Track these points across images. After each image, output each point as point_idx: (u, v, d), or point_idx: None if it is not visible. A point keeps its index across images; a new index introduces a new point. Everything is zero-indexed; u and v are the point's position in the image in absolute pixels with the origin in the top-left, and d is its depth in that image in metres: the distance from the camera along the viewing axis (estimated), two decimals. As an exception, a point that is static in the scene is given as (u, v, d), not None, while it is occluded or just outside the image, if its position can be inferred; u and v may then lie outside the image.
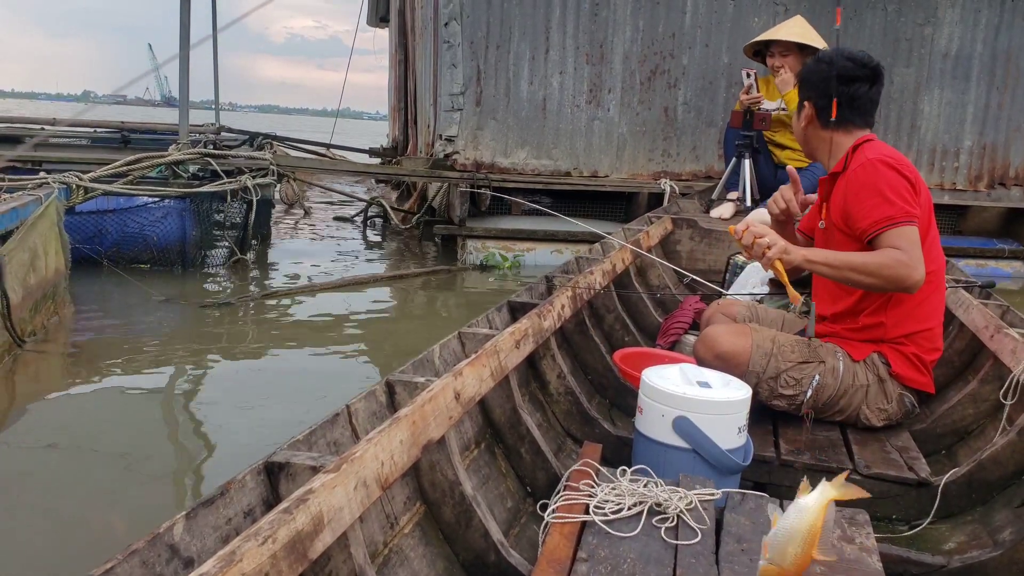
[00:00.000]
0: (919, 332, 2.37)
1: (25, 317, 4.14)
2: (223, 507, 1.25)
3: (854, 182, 2.24)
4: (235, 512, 1.27)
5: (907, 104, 7.55)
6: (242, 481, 1.30)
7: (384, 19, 15.76)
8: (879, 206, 2.16)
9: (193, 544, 1.16)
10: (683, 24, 7.36)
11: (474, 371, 1.88)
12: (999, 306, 3.09)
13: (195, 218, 6.45)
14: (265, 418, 3.47)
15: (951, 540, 2.07)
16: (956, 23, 7.39)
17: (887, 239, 2.13)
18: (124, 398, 3.70)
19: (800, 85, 2.53)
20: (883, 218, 2.14)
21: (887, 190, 2.17)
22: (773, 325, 2.69)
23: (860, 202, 2.21)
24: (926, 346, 2.39)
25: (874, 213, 2.16)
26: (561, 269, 3.25)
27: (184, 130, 7.29)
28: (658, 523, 1.62)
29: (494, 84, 7.32)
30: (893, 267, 2.09)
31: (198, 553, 1.16)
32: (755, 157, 4.80)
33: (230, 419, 3.50)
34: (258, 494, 1.33)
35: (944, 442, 2.64)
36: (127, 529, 2.46)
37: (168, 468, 3.03)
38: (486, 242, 7.17)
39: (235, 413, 3.57)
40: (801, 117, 2.48)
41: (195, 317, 5.10)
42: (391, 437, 1.46)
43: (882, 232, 2.14)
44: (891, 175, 2.20)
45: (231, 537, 1.14)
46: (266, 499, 1.34)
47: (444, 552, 1.70)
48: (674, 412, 1.93)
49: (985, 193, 7.67)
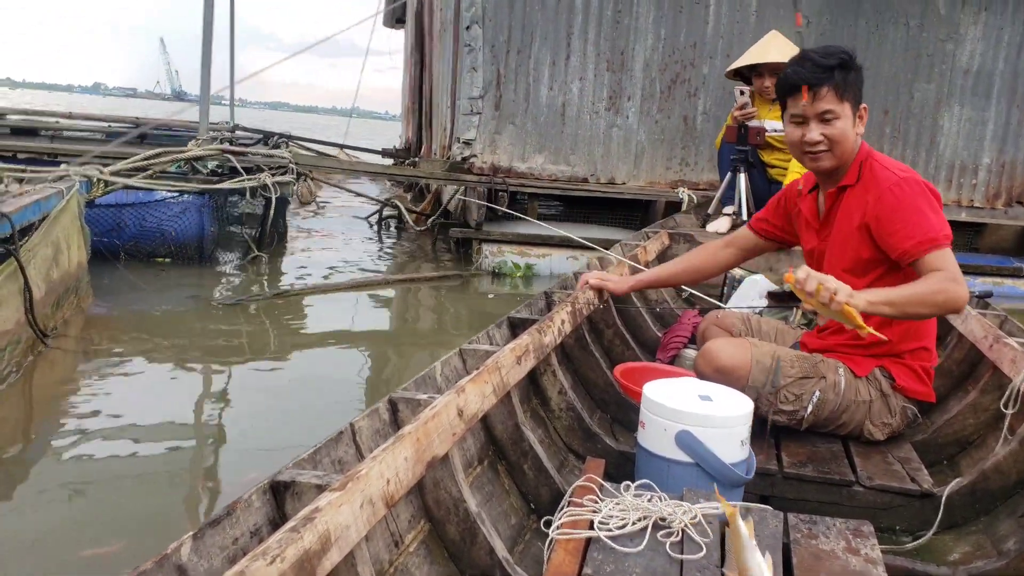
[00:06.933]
0: (921, 346, 2.39)
1: (47, 312, 4.18)
2: (230, 527, 1.25)
3: (891, 201, 2.21)
4: (242, 532, 1.27)
5: (927, 120, 7.51)
6: (248, 500, 1.30)
7: (400, 20, 15.81)
8: (921, 226, 2.15)
9: (201, 564, 1.16)
10: (705, 34, 7.36)
11: (476, 388, 1.88)
12: (997, 316, 3.09)
13: (214, 214, 6.52)
14: (276, 424, 3.51)
15: (955, 551, 2.07)
16: (978, 40, 7.35)
17: (931, 261, 2.12)
18: (143, 397, 3.73)
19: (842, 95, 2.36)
20: (927, 239, 2.13)
21: (928, 210, 2.18)
22: (768, 336, 2.69)
23: (902, 221, 2.18)
24: (927, 356, 2.41)
25: (917, 234, 2.14)
26: (560, 284, 3.25)
27: (204, 127, 7.37)
28: (663, 538, 1.62)
29: (514, 88, 7.34)
30: (946, 291, 2.07)
31: (206, 574, 1.16)
32: (750, 172, 4.80)
33: (242, 424, 3.55)
34: (264, 513, 1.33)
35: (946, 452, 2.63)
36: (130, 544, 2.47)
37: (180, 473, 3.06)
38: (502, 246, 7.16)
39: (247, 418, 3.61)
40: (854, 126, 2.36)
41: (212, 314, 5.16)
42: (395, 455, 1.45)
43: (927, 254, 2.13)
44: (928, 196, 2.21)
45: (238, 557, 1.15)
46: (272, 518, 1.34)
47: (449, 570, 1.71)
48: (676, 426, 1.93)
49: (1003, 211, 7.63)
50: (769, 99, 4.73)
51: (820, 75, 2.24)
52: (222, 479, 3.04)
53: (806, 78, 2.25)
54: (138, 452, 3.12)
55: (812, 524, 1.71)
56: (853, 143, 2.31)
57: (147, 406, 3.59)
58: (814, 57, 2.27)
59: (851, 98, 2.27)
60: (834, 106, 2.25)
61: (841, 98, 2.25)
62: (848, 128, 2.28)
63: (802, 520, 1.72)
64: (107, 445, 3.14)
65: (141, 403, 3.63)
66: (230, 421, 3.55)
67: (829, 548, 1.61)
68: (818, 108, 2.26)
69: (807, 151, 2.33)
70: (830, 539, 1.65)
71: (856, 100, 2.29)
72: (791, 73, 2.30)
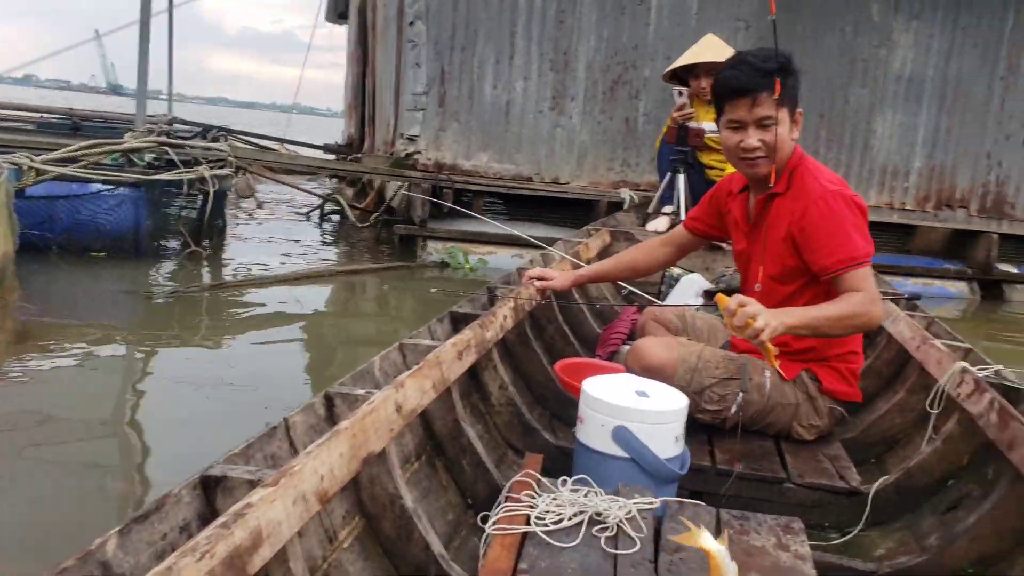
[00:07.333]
0: (849, 350, 2.41)
1: (-31, 302, 4.05)
2: (158, 522, 1.22)
3: (816, 215, 2.19)
4: (171, 527, 1.24)
5: (861, 124, 7.71)
6: (178, 495, 1.28)
7: (343, 16, 15.64)
8: (843, 244, 2.15)
9: (127, 561, 1.13)
10: (647, 36, 7.43)
11: (416, 383, 1.86)
12: (925, 318, 3.16)
13: (150, 207, 6.36)
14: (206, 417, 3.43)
15: (881, 547, 2.12)
16: (910, 47, 7.57)
17: (850, 279, 2.13)
18: (65, 389, 3.63)
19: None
20: (847, 257, 2.14)
21: (851, 227, 2.17)
22: (702, 332, 2.71)
23: (825, 237, 2.17)
24: (853, 359, 2.43)
25: (838, 251, 2.15)
26: (502, 280, 3.25)
27: (141, 118, 7.20)
28: (598, 533, 1.62)
29: (458, 86, 7.33)
30: (863, 315, 2.09)
31: (132, 570, 1.13)
32: (688, 172, 4.87)
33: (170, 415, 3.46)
34: (194, 508, 1.31)
35: (874, 451, 2.69)
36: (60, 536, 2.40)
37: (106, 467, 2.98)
38: (447, 244, 7.17)
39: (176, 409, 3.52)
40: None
41: (144, 307, 5.04)
42: (330, 451, 1.44)
43: (845, 272, 2.14)
44: (854, 211, 2.20)
45: (167, 553, 1.12)
46: (202, 514, 1.31)
47: (383, 566, 1.69)
48: (614, 422, 1.94)
49: (932, 214, 7.86)
50: (706, 100, 4.79)
51: (759, 80, 2.18)
52: (151, 477, 2.94)
53: (744, 83, 2.19)
54: (62, 451, 3.01)
55: (744, 520, 1.73)
56: (790, 148, 2.28)
57: (73, 402, 3.48)
58: (752, 61, 2.20)
59: (789, 103, 2.22)
60: (772, 112, 2.19)
61: (780, 103, 2.19)
62: (785, 133, 2.22)
63: (734, 516, 1.74)
64: (27, 442, 3.03)
65: (67, 398, 3.52)
66: (161, 417, 3.46)
67: (760, 544, 1.63)
68: (757, 114, 2.20)
69: (744, 157, 2.27)
70: (761, 535, 1.66)
71: (793, 105, 2.25)
72: (729, 77, 2.23)
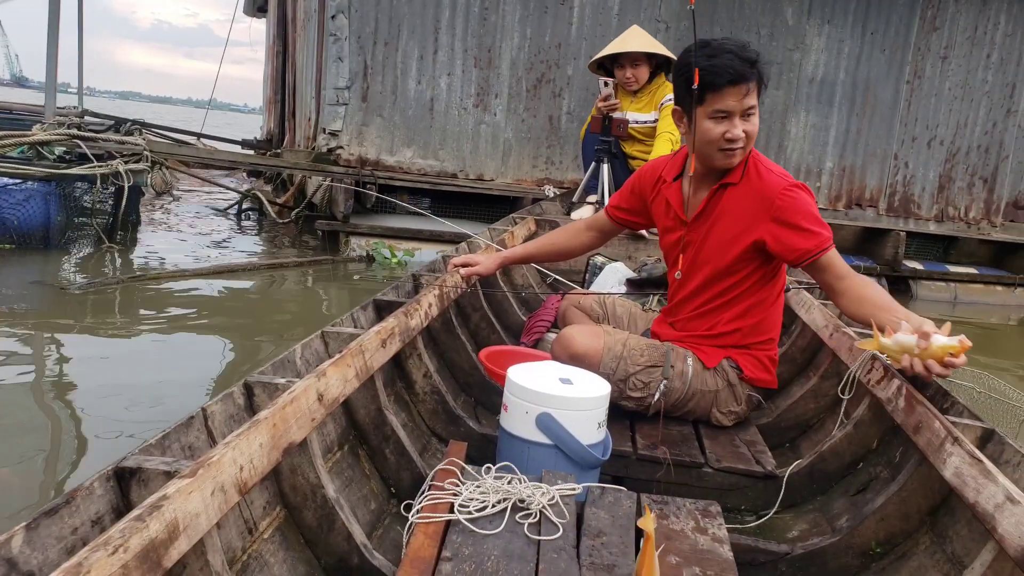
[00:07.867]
0: (768, 338, 2.50)
1: None
2: (68, 516, 1.18)
3: (788, 206, 2.25)
4: (82, 521, 1.20)
5: (776, 124, 7.93)
6: (90, 488, 1.23)
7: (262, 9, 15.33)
8: (814, 232, 2.24)
9: (34, 557, 1.09)
10: (569, 35, 7.50)
11: (338, 371, 1.84)
12: None
13: (61, 202, 6.14)
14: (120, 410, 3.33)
15: (794, 528, 2.19)
16: (822, 50, 7.82)
17: (825, 260, 2.23)
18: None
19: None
20: (824, 240, 2.24)
21: (817, 213, 2.28)
22: (622, 319, 2.78)
23: (799, 224, 2.25)
24: (772, 347, 2.53)
25: (812, 239, 2.23)
26: (428, 267, 3.24)
27: (51, 110, 6.95)
28: (521, 519, 1.64)
29: (381, 80, 7.27)
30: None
31: (40, 566, 1.09)
32: (612, 162, 4.94)
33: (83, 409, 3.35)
34: (107, 501, 1.27)
35: (788, 435, 2.77)
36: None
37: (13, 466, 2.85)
38: (371, 240, 7.13)
39: (89, 403, 3.41)
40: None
41: (56, 300, 4.85)
42: (250, 441, 1.42)
43: (823, 254, 2.23)
44: (812, 198, 2.32)
45: (78, 548, 1.09)
46: (116, 507, 1.28)
47: (305, 556, 1.68)
48: (538, 409, 1.97)
49: (843, 212, 8.15)
50: (631, 91, 4.87)
51: (748, 69, 2.16)
52: (62, 472, 2.84)
53: (740, 71, 2.15)
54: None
55: (664, 504, 1.76)
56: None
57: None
58: (734, 50, 2.16)
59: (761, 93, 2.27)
60: (756, 101, 2.22)
61: (760, 94, 2.22)
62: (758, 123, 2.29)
63: (654, 500, 1.78)
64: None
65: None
66: (73, 410, 3.35)
67: (679, 528, 1.67)
68: (746, 104, 2.19)
69: (725, 148, 2.25)
70: (680, 519, 1.71)
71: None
72: (723, 66, 2.15)
